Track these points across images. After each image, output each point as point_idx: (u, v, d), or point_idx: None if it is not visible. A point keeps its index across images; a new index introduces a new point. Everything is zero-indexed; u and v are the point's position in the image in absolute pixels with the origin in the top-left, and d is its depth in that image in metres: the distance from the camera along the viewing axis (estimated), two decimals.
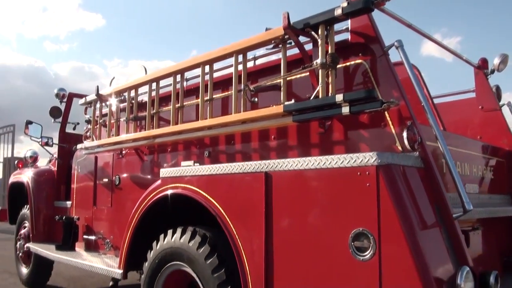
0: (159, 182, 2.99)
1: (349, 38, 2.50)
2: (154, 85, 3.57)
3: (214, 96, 3.02)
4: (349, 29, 2.48)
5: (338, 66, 2.40)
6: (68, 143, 5.44)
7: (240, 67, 2.83)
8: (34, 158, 5.97)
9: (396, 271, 1.86)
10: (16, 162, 6.64)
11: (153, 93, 3.59)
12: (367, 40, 2.42)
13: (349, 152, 2.24)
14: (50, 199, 5.26)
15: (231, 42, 2.85)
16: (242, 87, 2.73)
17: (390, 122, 2.29)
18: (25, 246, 5.13)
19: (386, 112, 2.27)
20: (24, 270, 5.55)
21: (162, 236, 2.87)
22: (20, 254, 5.59)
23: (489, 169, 3.24)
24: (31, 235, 5.19)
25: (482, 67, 3.78)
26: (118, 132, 3.90)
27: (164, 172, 2.96)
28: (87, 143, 4.25)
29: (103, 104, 4.09)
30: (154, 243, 2.92)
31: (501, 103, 3.75)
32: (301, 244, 2.15)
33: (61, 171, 5.35)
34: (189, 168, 2.77)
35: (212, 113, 2.98)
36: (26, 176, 5.52)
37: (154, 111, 3.47)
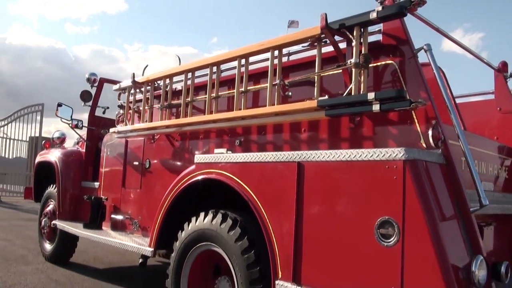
0: (193, 167, 3.20)
1: (381, 40, 2.68)
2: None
3: (248, 88, 3.22)
4: (382, 31, 2.67)
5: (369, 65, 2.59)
6: (96, 126, 5.68)
7: (274, 61, 3.02)
8: (62, 139, 6.22)
9: (417, 257, 2.05)
10: (43, 142, 6.89)
11: (185, 82, 3.80)
12: (398, 42, 2.60)
13: (376, 147, 2.44)
14: (77, 179, 5.50)
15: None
16: (277, 81, 2.93)
17: (416, 121, 2.47)
18: (52, 223, 5.37)
19: (413, 111, 2.46)
20: (48, 246, 5.81)
21: (194, 218, 3.08)
22: (45, 231, 5.85)
23: (504, 169, 3.41)
24: (57, 213, 5.43)
25: (502, 70, 3.93)
26: (151, 118, 4.12)
27: (199, 158, 3.17)
28: (120, 128, 4.47)
29: (137, 90, 4.30)
30: (186, 224, 3.14)
31: None
32: (329, 229, 2.35)
33: (89, 153, 5.60)
34: (223, 155, 2.98)
35: (246, 104, 3.18)
36: (54, 156, 5.76)
37: (189, 99, 3.67)
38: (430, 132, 2.38)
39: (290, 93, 2.95)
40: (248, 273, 2.67)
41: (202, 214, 3.04)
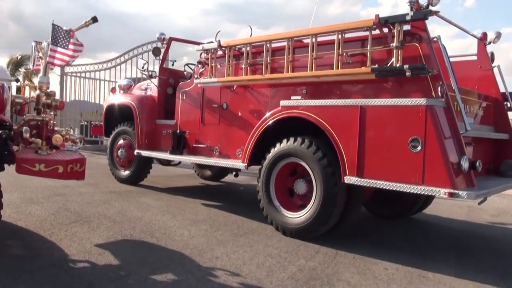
0: (279, 108, 5.07)
1: (410, 29, 4.52)
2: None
3: (319, 53, 5.05)
4: (410, 24, 4.50)
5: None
6: (165, 76, 7.44)
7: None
8: (129, 86, 7.96)
9: (432, 158, 4.02)
10: (110, 88, 8.55)
11: (265, 48, 5.59)
12: (420, 32, 4.46)
13: (404, 96, 4.35)
14: (152, 118, 7.31)
15: None
16: (341, 53, 4.78)
17: (430, 81, 4.37)
18: (136, 152, 7.19)
19: (428, 76, 4.35)
20: (124, 172, 7.74)
21: (278, 142, 4.99)
22: (121, 160, 7.71)
23: (481, 109, 5.40)
24: (136, 145, 7.26)
25: (482, 39, 5.83)
26: (233, 73, 5.91)
27: (284, 102, 5.05)
28: (204, 80, 6.24)
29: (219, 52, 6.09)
30: (279, 143, 5.04)
31: (493, 65, 5.84)
32: (380, 144, 4.30)
33: (161, 97, 7.40)
34: (306, 100, 4.86)
35: (316, 66, 5.03)
36: (128, 99, 7.53)
37: (269, 61, 5.48)
38: (439, 89, 4.28)
39: (350, 61, 4.80)
40: (323, 172, 4.62)
41: (292, 139, 4.94)
